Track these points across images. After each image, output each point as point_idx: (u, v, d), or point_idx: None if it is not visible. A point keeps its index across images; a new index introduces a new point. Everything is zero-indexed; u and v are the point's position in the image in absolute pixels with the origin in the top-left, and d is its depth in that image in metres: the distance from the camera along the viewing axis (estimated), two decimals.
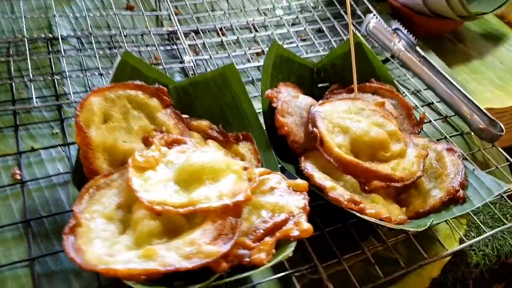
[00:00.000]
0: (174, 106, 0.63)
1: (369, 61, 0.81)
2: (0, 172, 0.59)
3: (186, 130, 0.62)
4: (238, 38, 0.94)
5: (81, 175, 0.53)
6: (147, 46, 0.87)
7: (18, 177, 0.59)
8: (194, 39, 0.91)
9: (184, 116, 0.65)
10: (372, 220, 0.54)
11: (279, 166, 0.63)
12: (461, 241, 0.67)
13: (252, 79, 0.90)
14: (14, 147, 0.63)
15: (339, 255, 0.60)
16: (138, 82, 0.59)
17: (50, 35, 0.81)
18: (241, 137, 0.65)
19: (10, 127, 0.65)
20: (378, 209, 0.58)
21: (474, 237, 0.70)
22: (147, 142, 0.58)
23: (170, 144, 0.58)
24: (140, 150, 0.56)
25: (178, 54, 0.88)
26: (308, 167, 0.61)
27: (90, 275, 0.51)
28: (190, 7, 0.97)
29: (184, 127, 0.62)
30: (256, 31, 0.96)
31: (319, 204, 0.59)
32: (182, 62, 0.86)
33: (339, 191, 0.57)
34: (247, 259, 0.44)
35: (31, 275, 0.50)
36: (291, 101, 0.68)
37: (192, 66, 0.83)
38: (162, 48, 0.86)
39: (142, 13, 0.90)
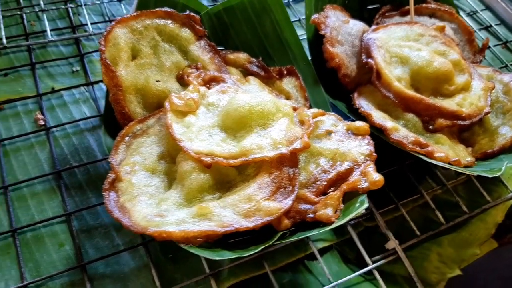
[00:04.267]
0: (208, 37, 0.55)
1: None
2: (21, 118, 0.54)
3: (223, 65, 0.54)
4: None
5: (113, 120, 0.47)
6: None
7: (42, 122, 0.53)
8: None
9: (219, 48, 0.57)
10: (442, 164, 0.48)
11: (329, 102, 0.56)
12: None
13: (288, 1, 0.80)
14: (33, 88, 0.57)
15: (396, 200, 0.55)
16: (166, 9, 0.51)
17: None
18: (285, 71, 0.57)
19: (25, 66, 0.58)
20: (445, 151, 0.51)
21: None
22: (182, 81, 0.51)
23: (207, 83, 0.51)
24: (176, 91, 0.49)
25: None
26: (363, 104, 0.54)
27: None
28: None
29: (221, 61, 0.54)
30: None
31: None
32: None
33: (402, 133, 0.50)
34: (311, 215, 0.39)
35: (69, 231, 0.46)
36: (341, 27, 0.59)
37: None
38: None
39: None
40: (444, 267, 0.52)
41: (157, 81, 0.48)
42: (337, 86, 0.57)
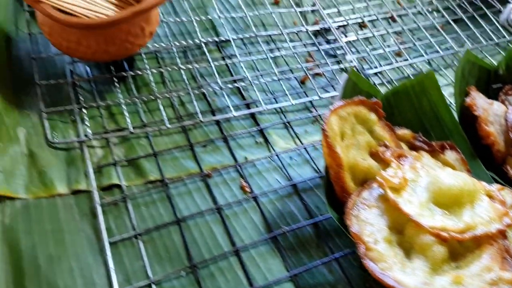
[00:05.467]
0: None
1: None
2: (229, 184, 0.62)
3: (398, 141, 0.64)
4: (379, 30, 0.94)
5: (330, 193, 0.56)
6: (304, 45, 0.87)
7: (248, 189, 0.62)
8: (344, 34, 0.91)
9: None
10: None
11: None
12: None
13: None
14: (230, 157, 0.66)
15: None
16: (361, 98, 0.61)
17: (218, 38, 0.82)
18: (446, 146, 0.66)
19: (219, 138, 0.68)
20: None
21: None
22: (374, 157, 0.60)
23: (396, 158, 0.60)
24: (376, 167, 0.58)
25: (334, 52, 0.88)
26: None
27: None
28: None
29: (396, 138, 0.64)
30: (392, 22, 0.95)
31: None
32: (340, 61, 0.86)
33: None
34: None
35: None
36: (489, 108, 0.69)
37: (355, 66, 0.84)
38: (317, 47, 0.86)
39: (295, 10, 0.90)
40: None
41: (362, 159, 0.58)
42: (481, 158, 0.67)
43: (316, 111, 0.76)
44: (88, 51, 0.64)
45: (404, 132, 0.67)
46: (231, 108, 0.70)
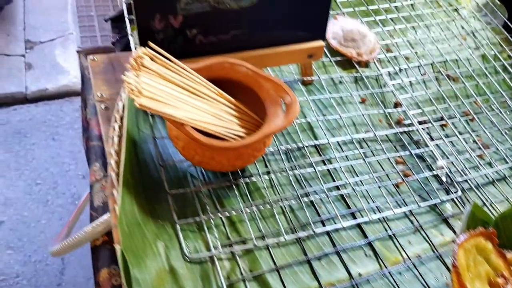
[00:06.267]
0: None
1: None
2: None
3: (510, 268, 0.66)
4: (462, 133, 0.98)
5: None
6: (395, 147, 0.91)
7: None
8: (429, 135, 0.95)
9: None
10: None
11: None
12: None
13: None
14: (345, 272, 0.68)
15: None
16: (482, 229, 0.64)
17: (317, 141, 0.86)
18: None
19: (333, 252, 0.71)
20: None
21: None
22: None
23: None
24: None
25: (422, 154, 0.91)
26: None
27: None
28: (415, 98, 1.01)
29: (508, 265, 0.66)
30: (471, 122, 0.99)
31: None
32: (430, 166, 0.90)
33: None
34: None
35: None
36: None
37: (446, 172, 0.87)
38: (409, 151, 0.90)
39: (383, 111, 0.95)
40: None
41: None
42: None
43: (417, 220, 0.79)
44: (218, 165, 0.69)
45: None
46: (339, 218, 0.74)
